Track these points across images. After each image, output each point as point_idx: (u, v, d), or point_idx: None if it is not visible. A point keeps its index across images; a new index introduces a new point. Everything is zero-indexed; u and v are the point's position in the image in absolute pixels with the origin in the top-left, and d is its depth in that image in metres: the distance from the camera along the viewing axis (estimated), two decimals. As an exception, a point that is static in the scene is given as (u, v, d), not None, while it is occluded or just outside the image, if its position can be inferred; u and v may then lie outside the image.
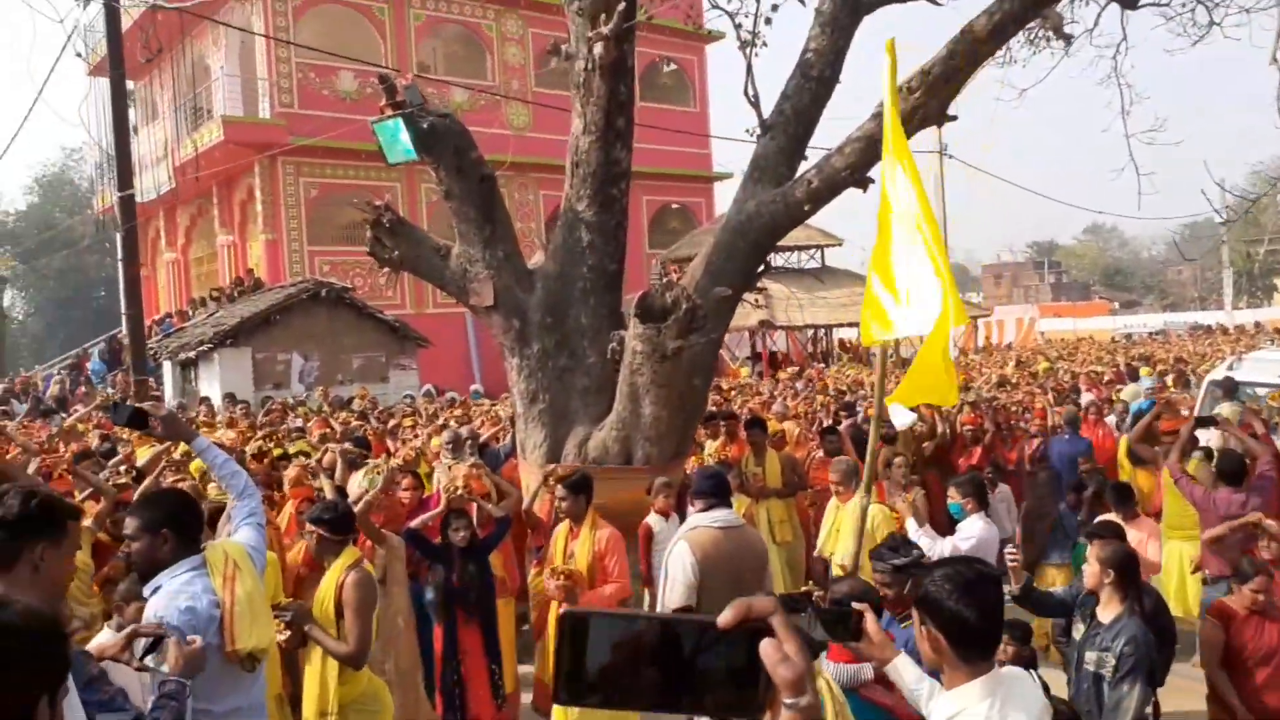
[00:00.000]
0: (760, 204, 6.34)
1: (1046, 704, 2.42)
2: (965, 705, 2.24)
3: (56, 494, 2.93)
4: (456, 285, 6.58)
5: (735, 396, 12.03)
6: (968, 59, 5.68)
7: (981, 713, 2.22)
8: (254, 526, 3.38)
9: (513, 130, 23.28)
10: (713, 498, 4.20)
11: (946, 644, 2.26)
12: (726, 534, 4.10)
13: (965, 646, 2.26)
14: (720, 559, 3.99)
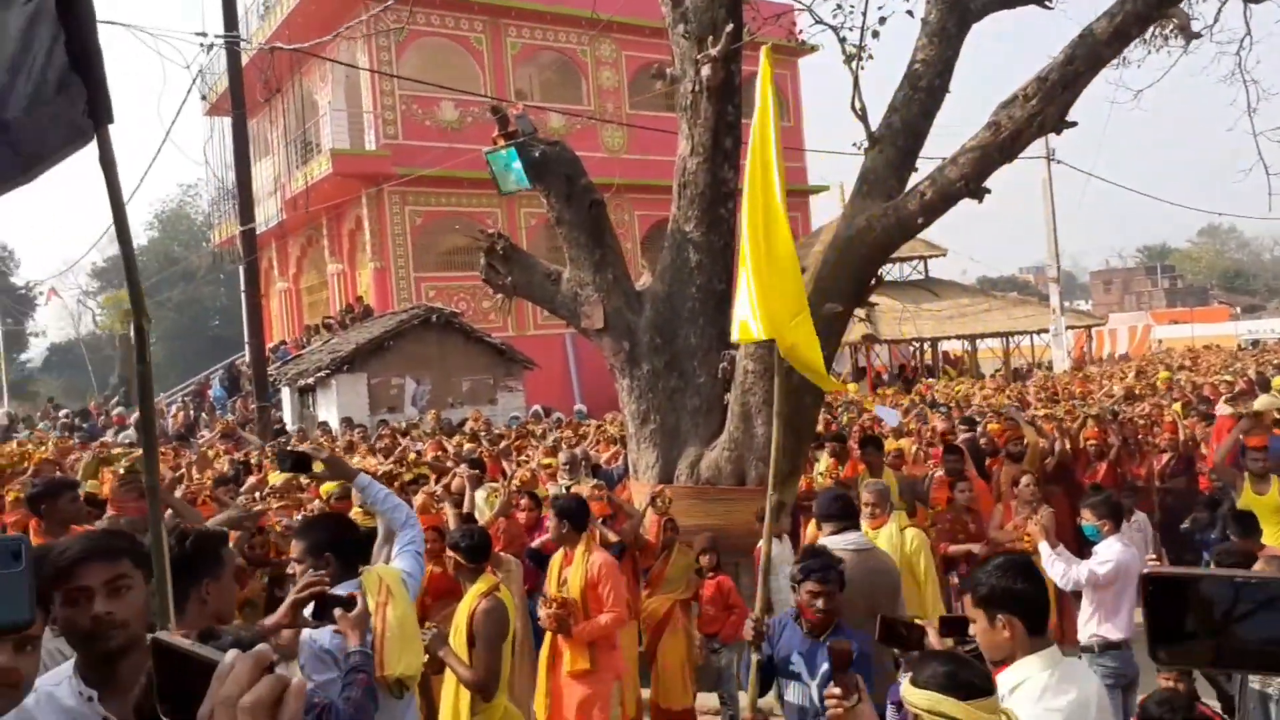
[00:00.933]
0: (871, 218, 6.24)
1: (1101, 686, 2.69)
2: (1029, 674, 2.53)
3: (203, 526, 3.06)
4: (568, 309, 6.68)
5: (843, 414, 11.84)
6: (1088, 63, 5.51)
7: (1043, 680, 2.51)
8: (412, 555, 3.47)
9: (608, 153, 23.57)
10: (842, 520, 4.15)
11: (1022, 626, 2.55)
12: (860, 557, 4.04)
13: (1034, 623, 2.56)
14: (856, 583, 3.92)
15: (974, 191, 6.02)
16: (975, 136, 5.97)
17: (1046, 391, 14.25)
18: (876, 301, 7.46)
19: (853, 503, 4.52)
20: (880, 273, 6.78)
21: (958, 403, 12.87)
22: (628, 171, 22.65)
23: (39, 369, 47.13)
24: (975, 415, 10.33)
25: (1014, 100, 5.85)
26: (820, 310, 6.15)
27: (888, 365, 26.88)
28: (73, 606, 2.11)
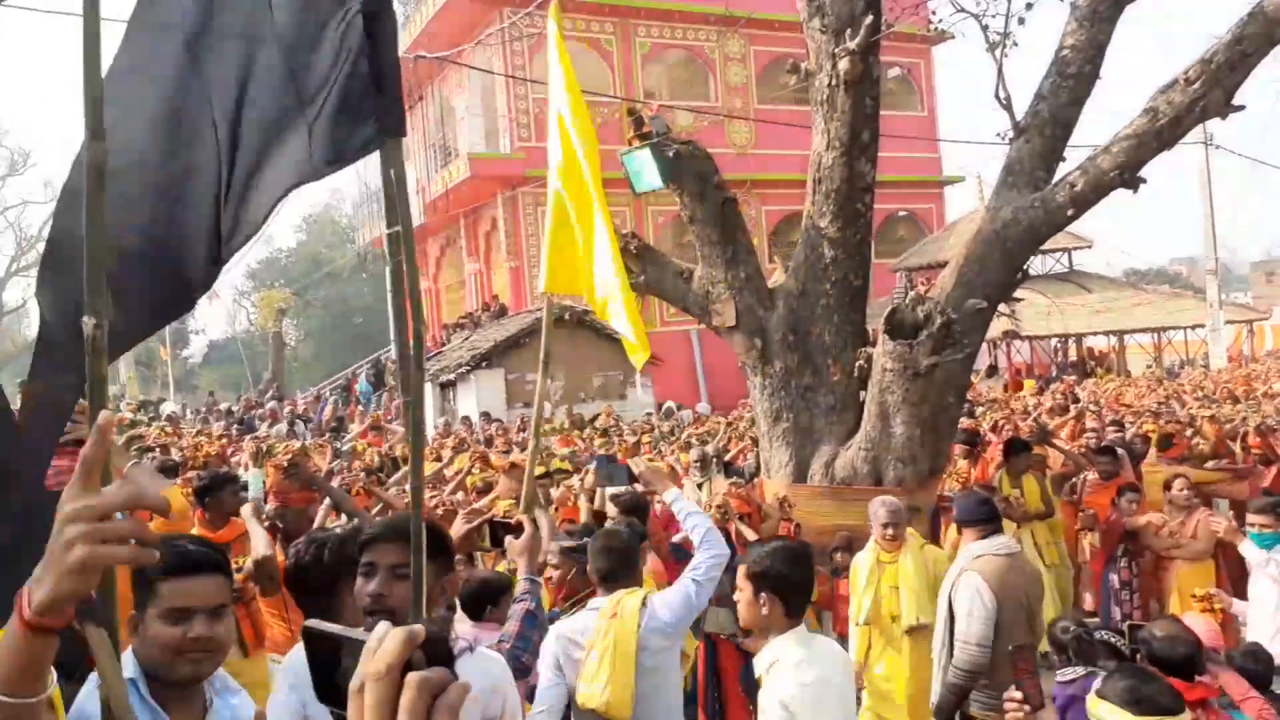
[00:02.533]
0: (1017, 210, 6.03)
1: (846, 662, 3.05)
2: (784, 652, 2.84)
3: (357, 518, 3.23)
4: (699, 306, 6.70)
5: (985, 414, 11.43)
6: (1259, 42, 5.17)
7: (796, 656, 2.83)
8: (684, 585, 3.43)
9: (735, 149, 23.50)
10: (989, 524, 4.04)
11: (781, 607, 2.86)
12: (1011, 561, 3.94)
13: (793, 606, 2.89)
14: (1012, 587, 3.87)
15: (1129, 181, 5.74)
16: (1130, 123, 5.69)
17: (1204, 391, 13.41)
18: (1022, 297, 7.21)
19: (995, 505, 4.38)
20: (1026, 266, 6.55)
21: (1105, 402, 12.24)
22: (755, 167, 22.56)
23: (199, 364, 50.33)
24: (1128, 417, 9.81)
25: (1174, 84, 5.54)
26: (964, 307, 6.00)
27: (1029, 362, 25.82)
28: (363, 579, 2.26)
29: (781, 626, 2.87)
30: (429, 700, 0.86)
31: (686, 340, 23.43)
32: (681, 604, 3.40)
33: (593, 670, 3.24)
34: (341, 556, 2.64)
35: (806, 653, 2.85)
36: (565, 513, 6.02)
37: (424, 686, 0.86)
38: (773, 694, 2.82)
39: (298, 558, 2.66)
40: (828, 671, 2.86)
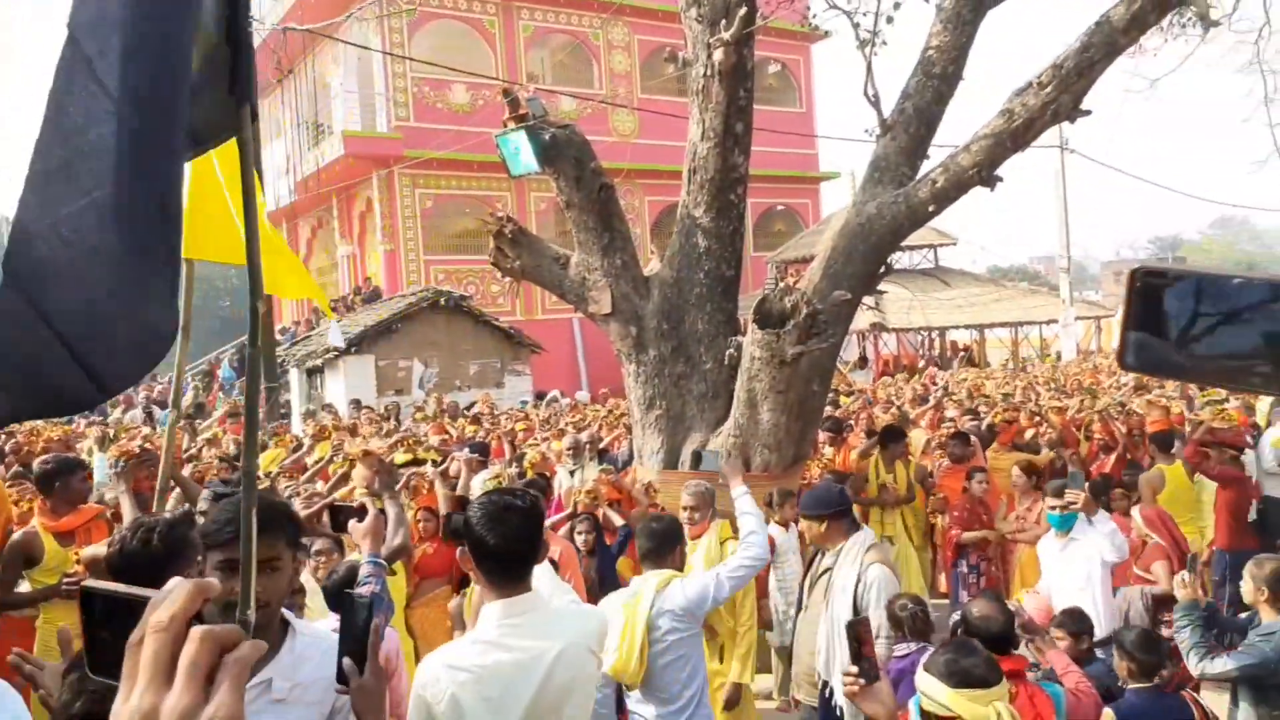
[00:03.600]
0: (882, 205, 6.22)
1: (590, 639, 2.60)
2: (485, 619, 2.52)
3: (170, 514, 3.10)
4: (575, 293, 6.66)
5: (849, 401, 11.82)
6: (1104, 50, 5.46)
7: (488, 633, 2.48)
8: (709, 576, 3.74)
9: (619, 137, 23.50)
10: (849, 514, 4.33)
11: (475, 564, 2.54)
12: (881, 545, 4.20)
13: (488, 568, 2.52)
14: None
15: (986, 179, 5.98)
16: (988, 124, 5.93)
17: (1055, 383, 14.19)
18: (886, 289, 7.43)
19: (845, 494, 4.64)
20: (890, 260, 6.76)
21: (969, 392, 12.83)
22: (638, 156, 22.58)
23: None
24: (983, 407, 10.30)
25: (1028, 87, 5.81)
26: (829, 298, 6.15)
27: (895, 354, 26.80)
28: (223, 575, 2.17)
29: (490, 596, 2.58)
30: (214, 654, 0.78)
31: (568, 328, 23.36)
32: (698, 594, 3.68)
33: (614, 640, 3.58)
34: (172, 541, 2.50)
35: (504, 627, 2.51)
36: (421, 500, 5.91)
37: (208, 638, 0.78)
38: None
39: (123, 544, 2.50)
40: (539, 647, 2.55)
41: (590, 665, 2.62)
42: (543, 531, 2.57)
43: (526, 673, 2.43)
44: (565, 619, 2.65)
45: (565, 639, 2.52)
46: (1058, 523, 5.27)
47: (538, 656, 2.45)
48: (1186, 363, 0.82)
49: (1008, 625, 3.38)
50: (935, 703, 2.58)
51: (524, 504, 2.52)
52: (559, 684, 2.46)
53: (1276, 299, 0.79)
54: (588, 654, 2.59)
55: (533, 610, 2.52)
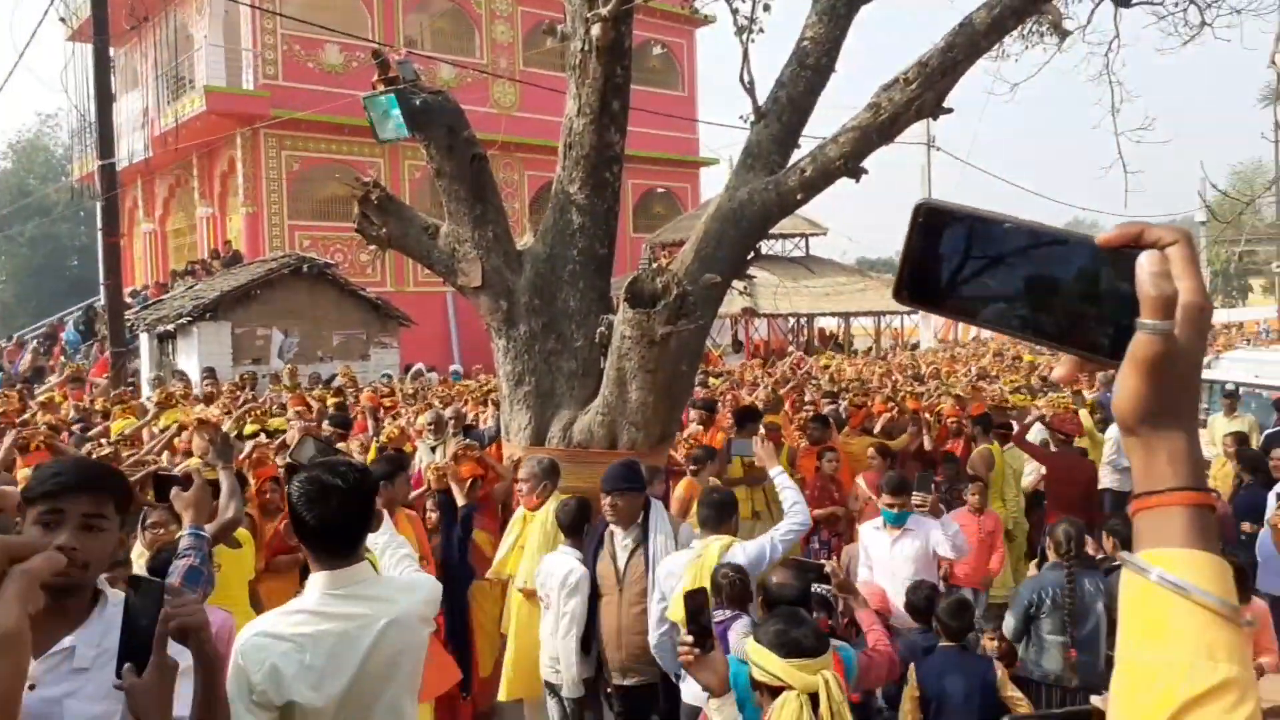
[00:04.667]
0: (753, 191, 6.31)
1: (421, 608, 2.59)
2: (310, 589, 2.49)
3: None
4: (444, 265, 6.52)
5: (718, 383, 12.03)
6: (965, 52, 5.67)
7: (310, 602, 2.45)
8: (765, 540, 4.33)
9: (499, 109, 23.11)
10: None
11: (300, 541, 2.53)
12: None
13: (310, 545, 2.49)
14: None
15: (852, 171, 6.15)
16: (856, 117, 6.09)
17: (912, 369, 14.81)
18: (755, 274, 7.57)
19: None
20: (760, 246, 6.88)
21: (831, 377, 13.25)
22: (519, 130, 22.30)
23: None
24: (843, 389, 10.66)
25: (895, 83, 5.99)
26: (699, 280, 6.22)
27: (766, 339, 27.42)
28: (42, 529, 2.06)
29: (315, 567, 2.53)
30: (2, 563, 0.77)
31: (441, 302, 22.91)
32: (756, 555, 4.35)
33: (679, 598, 3.90)
34: None
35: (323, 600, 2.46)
36: (262, 471, 5.69)
37: None
38: None
39: None
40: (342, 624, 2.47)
41: (421, 635, 2.60)
42: (371, 506, 2.53)
43: (352, 642, 2.39)
44: (395, 589, 2.63)
45: (395, 609, 2.49)
46: (891, 519, 5.47)
47: (365, 626, 2.41)
48: (956, 302, 0.83)
49: (804, 591, 3.59)
50: (768, 673, 2.65)
51: (345, 482, 2.45)
52: (387, 654, 2.43)
53: (1038, 245, 0.81)
54: (417, 624, 2.58)
55: (360, 581, 2.49)
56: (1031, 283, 0.81)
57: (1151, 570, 0.77)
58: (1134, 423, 0.79)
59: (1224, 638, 0.74)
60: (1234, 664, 0.73)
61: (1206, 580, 0.76)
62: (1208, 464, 8.06)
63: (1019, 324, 0.82)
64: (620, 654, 4.57)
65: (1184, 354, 0.77)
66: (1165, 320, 0.76)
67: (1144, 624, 0.77)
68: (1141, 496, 0.81)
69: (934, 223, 0.83)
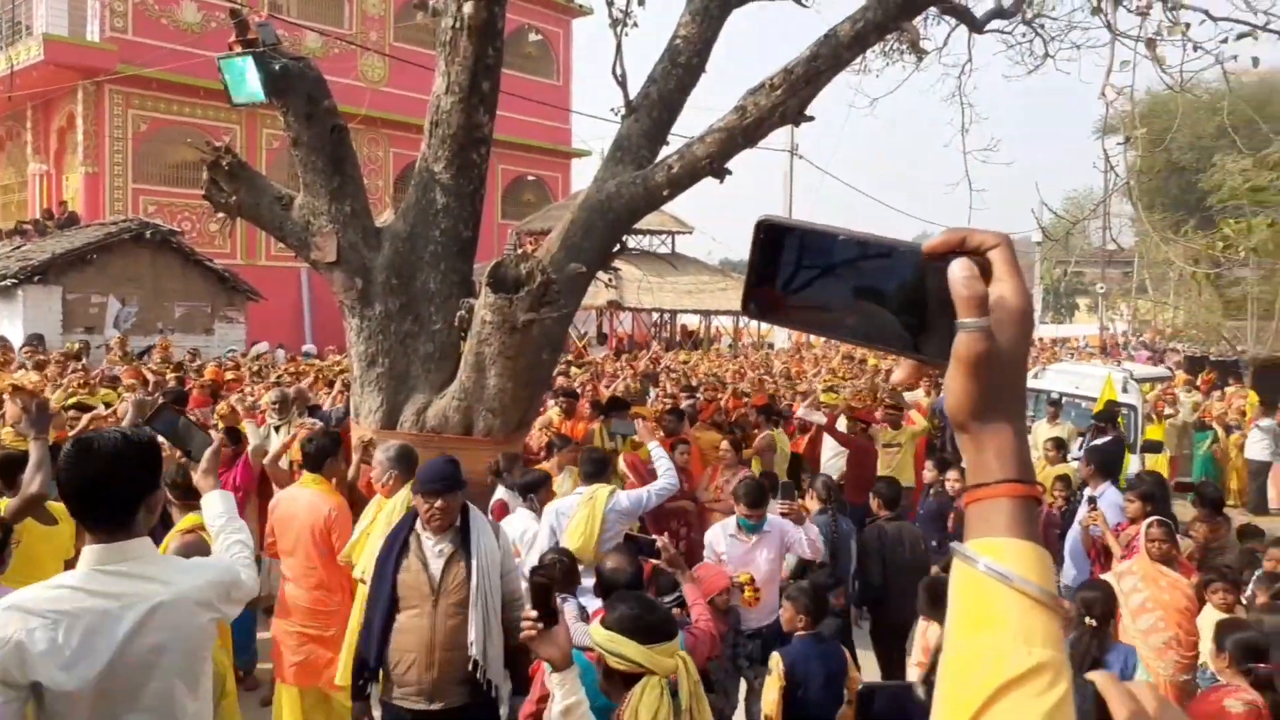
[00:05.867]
0: (621, 184, 6.35)
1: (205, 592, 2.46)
2: (80, 563, 2.35)
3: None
4: (297, 237, 6.28)
5: (580, 373, 12.06)
6: (829, 62, 5.87)
7: (76, 577, 2.31)
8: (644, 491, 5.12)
9: (367, 83, 22.43)
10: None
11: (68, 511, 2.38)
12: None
13: (72, 510, 2.37)
14: None
15: (717, 171, 6.28)
16: (723, 118, 6.21)
17: (764, 367, 15.25)
18: (620, 268, 7.61)
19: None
20: (626, 240, 6.93)
21: (686, 372, 13.49)
22: (386, 105, 21.70)
23: None
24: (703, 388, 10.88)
25: (761, 88, 6.13)
26: (564, 269, 6.21)
27: (630, 332, 27.64)
28: None
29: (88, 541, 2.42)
30: None
31: (295, 278, 22.04)
32: (635, 503, 5.69)
33: (573, 529, 5.38)
34: None
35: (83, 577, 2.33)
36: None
37: None
38: None
39: None
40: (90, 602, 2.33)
41: (199, 620, 2.42)
42: (144, 476, 2.35)
43: (113, 622, 2.23)
44: (174, 569, 2.46)
45: (168, 591, 2.33)
46: (749, 527, 5.53)
47: (129, 606, 2.26)
48: (798, 313, 0.86)
49: (637, 575, 3.65)
50: (627, 660, 2.64)
51: (112, 449, 2.29)
52: (152, 639, 2.28)
53: (870, 256, 0.84)
54: (196, 608, 2.41)
55: (135, 559, 2.33)
56: (865, 292, 0.84)
57: (979, 559, 0.79)
58: (964, 419, 0.82)
59: (1041, 623, 0.77)
60: (1049, 648, 0.76)
61: (1028, 569, 0.78)
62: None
63: (858, 332, 0.85)
64: (431, 674, 3.88)
65: (1005, 351, 0.80)
66: (981, 318, 0.79)
67: (970, 611, 0.80)
68: (971, 489, 0.83)
69: (774, 238, 0.86)
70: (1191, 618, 5.24)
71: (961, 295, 0.79)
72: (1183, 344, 26.25)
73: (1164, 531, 5.56)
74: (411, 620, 3.93)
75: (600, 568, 3.79)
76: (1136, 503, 6.29)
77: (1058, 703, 0.75)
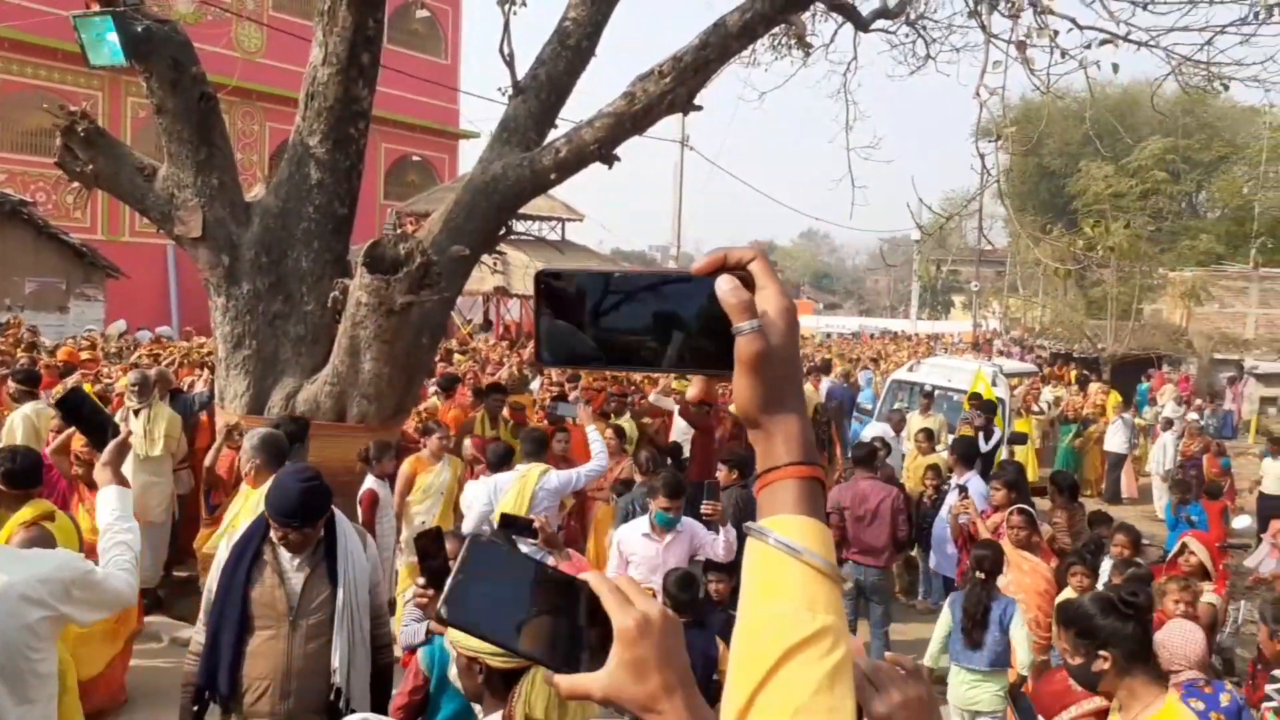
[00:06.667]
0: (507, 166, 6.21)
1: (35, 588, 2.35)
2: None
3: None
4: (160, 210, 5.93)
5: (462, 360, 11.83)
6: (718, 51, 5.87)
7: None
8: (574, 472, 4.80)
9: (242, 53, 21.45)
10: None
11: None
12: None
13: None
14: None
15: (605, 157, 6.21)
16: (611, 104, 6.14)
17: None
18: (505, 251, 7.46)
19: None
20: (512, 224, 6.79)
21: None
22: (262, 77, 20.82)
23: None
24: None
25: (650, 75, 6.09)
26: (446, 251, 6.03)
27: (518, 320, 27.36)
28: None
29: None
30: None
31: (161, 255, 20.95)
32: (565, 482, 6.18)
33: (505, 503, 5.82)
34: None
35: None
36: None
37: None
38: None
39: None
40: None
41: (27, 616, 2.27)
42: None
43: None
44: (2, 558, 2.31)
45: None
46: (664, 522, 5.35)
47: None
48: (589, 351, 0.90)
49: None
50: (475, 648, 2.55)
51: None
52: None
53: (647, 288, 0.89)
54: (17, 601, 2.26)
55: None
56: (647, 322, 0.89)
57: (770, 534, 0.86)
58: (754, 414, 0.88)
59: (824, 592, 0.85)
60: (831, 614, 0.84)
61: (812, 542, 0.85)
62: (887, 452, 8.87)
63: (650, 356, 0.90)
64: (287, 703, 3.40)
65: (779, 348, 0.87)
66: (751, 319, 0.86)
67: (761, 581, 0.86)
68: (763, 474, 0.89)
69: (555, 286, 0.90)
70: (1050, 600, 5.47)
71: (730, 304, 0.86)
72: (1049, 341, 27.62)
73: (1024, 519, 5.82)
74: (265, 643, 3.40)
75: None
76: (1002, 491, 6.55)
77: (839, 663, 0.83)
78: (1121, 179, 26.60)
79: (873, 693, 1.17)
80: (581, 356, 0.91)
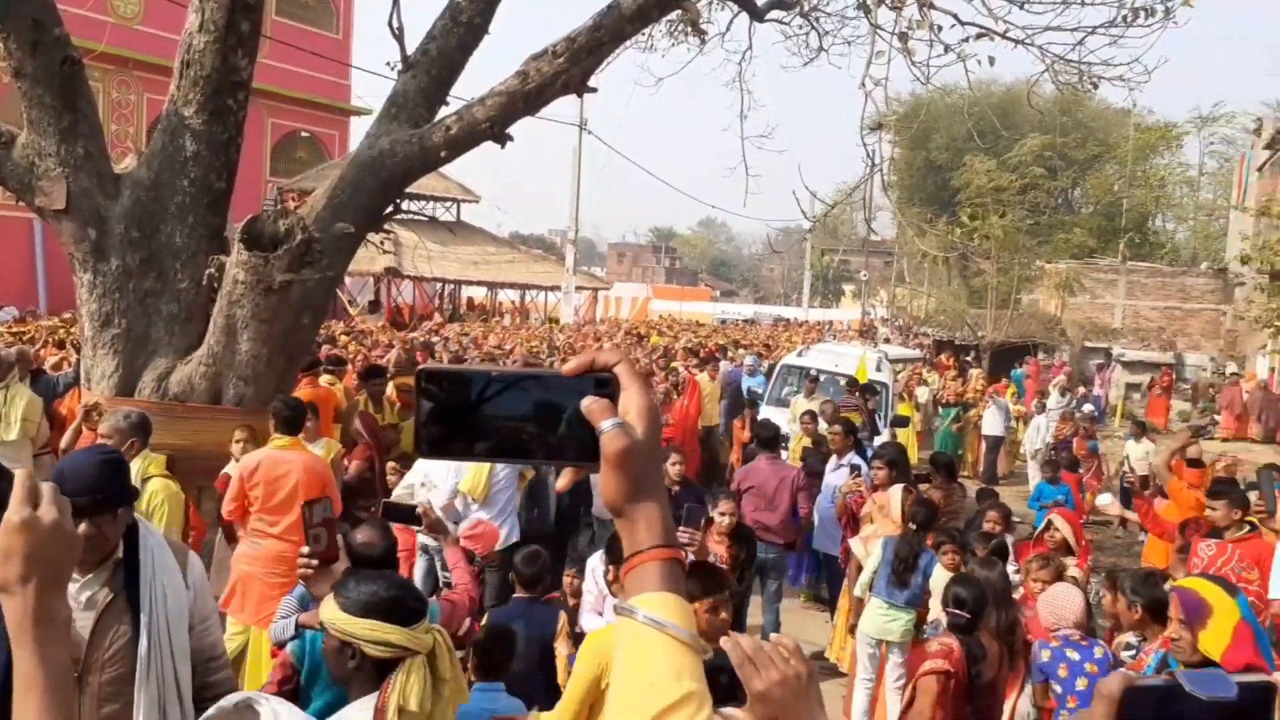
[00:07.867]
0: (395, 142, 6.06)
1: None
2: None
3: None
4: (20, 180, 5.59)
5: (348, 341, 11.55)
6: (612, 33, 5.84)
7: None
8: None
9: (116, 18, 20.37)
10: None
11: None
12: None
13: None
14: None
15: (498, 136, 6.11)
16: (504, 82, 6.05)
17: (548, 341, 15.25)
18: (394, 230, 7.30)
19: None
20: (401, 202, 6.64)
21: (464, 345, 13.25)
22: (138, 45, 19.83)
23: None
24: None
25: (544, 54, 6.02)
26: (330, 228, 5.85)
27: (411, 303, 26.86)
28: None
29: None
30: None
31: (26, 230, 19.77)
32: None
33: (468, 476, 6.20)
34: None
35: None
36: None
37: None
38: None
39: None
40: None
41: None
42: None
43: None
44: None
45: None
46: None
47: None
48: (465, 446, 0.96)
49: (390, 550, 3.53)
50: (390, 646, 2.43)
51: None
52: None
53: (523, 385, 0.96)
54: None
55: None
56: (520, 419, 0.95)
57: (638, 611, 0.94)
58: (619, 504, 0.96)
59: (688, 662, 0.93)
60: (694, 681, 0.92)
61: (676, 616, 0.94)
62: (785, 439, 9.08)
63: (532, 443, 0.96)
64: None
65: (642, 443, 0.94)
66: (615, 419, 0.93)
67: (631, 655, 0.94)
68: (629, 558, 0.97)
69: (435, 383, 0.95)
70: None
71: (593, 410, 0.94)
72: (932, 329, 28.64)
73: (910, 497, 6.06)
74: None
75: (350, 540, 3.52)
76: (884, 470, 6.76)
77: None
78: (1003, 174, 27.73)
79: (753, 671, 1.25)
80: (459, 450, 0.96)
